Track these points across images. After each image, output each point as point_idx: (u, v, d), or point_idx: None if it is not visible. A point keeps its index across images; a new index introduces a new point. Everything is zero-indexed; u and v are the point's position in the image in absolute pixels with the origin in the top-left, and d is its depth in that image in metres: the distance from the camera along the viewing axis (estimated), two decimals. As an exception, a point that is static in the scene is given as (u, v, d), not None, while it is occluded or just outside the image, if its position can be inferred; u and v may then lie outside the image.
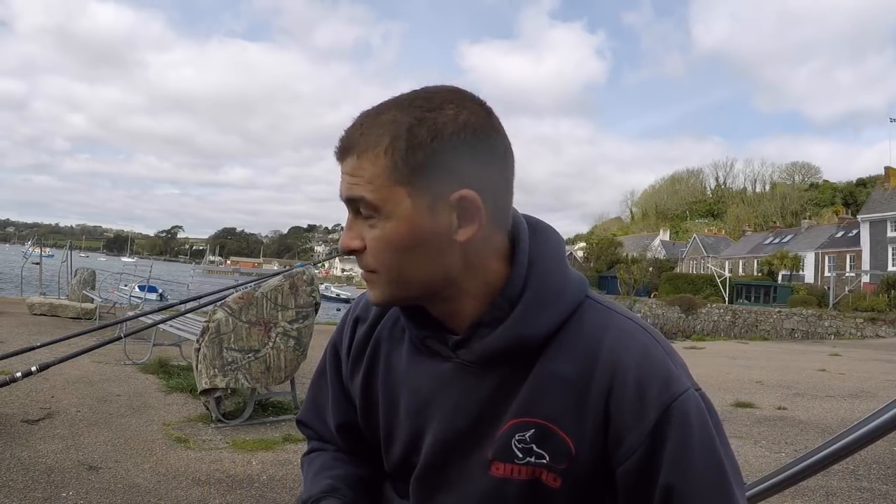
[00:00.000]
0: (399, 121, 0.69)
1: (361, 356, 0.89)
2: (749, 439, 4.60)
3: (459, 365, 0.77)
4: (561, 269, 0.78)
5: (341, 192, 0.73)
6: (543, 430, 0.73)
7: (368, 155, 0.70)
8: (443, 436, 0.78)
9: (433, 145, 0.69)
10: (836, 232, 40.29)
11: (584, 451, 0.72)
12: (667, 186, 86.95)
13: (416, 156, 0.69)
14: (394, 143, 0.69)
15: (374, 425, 0.88)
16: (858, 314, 23.51)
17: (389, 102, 0.72)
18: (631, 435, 0.70)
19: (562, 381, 0.73)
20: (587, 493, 0.74)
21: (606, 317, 0.76)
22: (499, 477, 0.75)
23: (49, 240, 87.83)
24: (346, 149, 0.72)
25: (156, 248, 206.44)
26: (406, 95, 0.72)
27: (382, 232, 0.71)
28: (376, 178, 0.70)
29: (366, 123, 0.71)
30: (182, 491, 2.93)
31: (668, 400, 0.69)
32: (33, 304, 9.86)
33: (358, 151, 0.71)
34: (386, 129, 0.69)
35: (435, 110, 0.69)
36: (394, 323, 0.87)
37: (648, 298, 34.59)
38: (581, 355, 0.73)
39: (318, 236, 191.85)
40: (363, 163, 0.70)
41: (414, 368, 0.82)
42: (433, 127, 0.69)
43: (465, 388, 0.77)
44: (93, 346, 2.85)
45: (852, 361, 10.96)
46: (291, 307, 4.29)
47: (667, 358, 0.73)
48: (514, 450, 0.74)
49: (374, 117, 0.71)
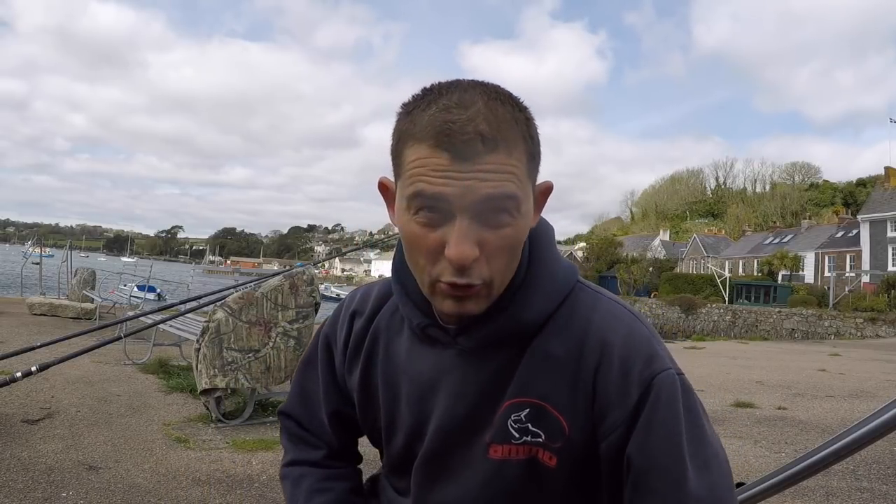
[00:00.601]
0: (515, 115, 0.69)
1: (360, 349, 0.89)
2: (749, 439, 4.60)
3: (459, 351, 0.79)
4: (555, 255, 0.81)
5: (471, 191, 0.65)
6: (538, 409, 0.75)
7: (517, 150, 0.68)
8: (445, 422, 0.79)
9: (539, 137, 0.72)
10: (836, 232, 40.28)
11: (576, 430, 0.74)
12: (667, 186, 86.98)
13: (538, 149, 0.71)
14: (525, 136, 0.69)
15: (373, 418, 0.89)
16: (858, 314, 23.50)
17: (474, 93, 0.68)
18: (615, 411, 0.72)
19: (555, 361, 0.75)
20: (583, 473, 0.76)
21: (596, 300, 0.79)
22: (497, 459, 0.76)
23: (49, 240, 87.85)
24: (495, 141, 0.66)
25: (156, 249, 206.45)
26: (481, 85, 0.70)
27: (514, 231, 0.69)
28: (522, 173, 0.68)
29: (489, 115, 0.66)
30: (182, 491, 2.93)
31: (649, 378, 0.72)
32: (33, 304, 9.86)
33: (508, 145, 0.66)
34: (512, 122, 0.68)
35: (521, 102, 0.72)
36: (392, 314, 0.88)
37: (648, 298, 34.56)
38: (573, 336, 0.75)
39: (318, 236, 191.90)
40: (513, 159, 0.67)
41: (415, 357, 0.82)
42: (533, 119, 0.71)
43: (465, 374, 0.78)
44: (93, 346, 2.85)
45: (852, 361, 10.96)
46: (292, 307, 4.29)
47: (651, 339, 0.75)
48: (511, 430, 0.75)
49: (490, 109, 0.67)
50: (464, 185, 0.65)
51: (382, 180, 0.78)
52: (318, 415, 0.96)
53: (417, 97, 0.71)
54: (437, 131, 0.65)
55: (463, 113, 0.65)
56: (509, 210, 0.67)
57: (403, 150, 0.70)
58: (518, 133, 0.68)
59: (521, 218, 0.69)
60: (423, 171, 0.66)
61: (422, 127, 0.67)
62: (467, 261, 0.67)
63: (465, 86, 0.69)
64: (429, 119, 0.66)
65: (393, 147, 0.72)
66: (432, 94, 0.69)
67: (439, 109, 0.66)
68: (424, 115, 0.67)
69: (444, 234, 0.67)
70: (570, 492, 0.77)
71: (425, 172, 0.66)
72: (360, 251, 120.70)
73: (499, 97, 0.68)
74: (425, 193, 0.66)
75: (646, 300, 34.02)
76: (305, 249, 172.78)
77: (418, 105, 0.69)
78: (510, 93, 0.71)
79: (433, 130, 0.66)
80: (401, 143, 0.70)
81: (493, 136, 0.65)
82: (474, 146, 0.65)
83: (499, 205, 0.66)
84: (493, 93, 0.69)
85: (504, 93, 0.70)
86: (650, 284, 39.29)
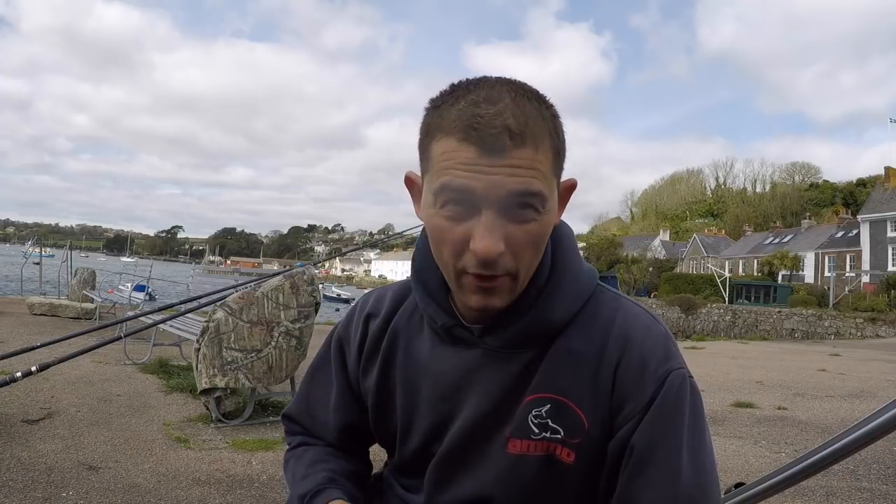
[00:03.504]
0: (542, 111, 0.69)
1: (377, 350, 0.89)
2: (749, 439, 4.59)
3: (486, 351, 0.79)
4: (577, 258, 0.82)
5: (498, 185, 0.65)
6: (559, 405, 0.76)
7: (543, 146, 0.68)
8: (470, 420, 0.80)
9: (564, 135, 0.73)
10: (836, 232, 40.30)
11: (595, 426, 0.75)
12: (667, 186, 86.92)
13: (563, 145, 0.72)
14: (551, 133, 0.70)
15: (388, 419, 0.88)
16: (858, 314, 23.49)
17: (501, 89, 0.68)
18: (631, 403, 0.74)
19: (578, 357, 0.76)
20: (599, 471, 0.76)
21: (617, 301, 0.81)
22: (515, 454, 0.77)
23: (49, 240, 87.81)
24: (523, 136, 0.66)
25: (155, 249, 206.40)
26: (508, 82, 0.70)
27: (539, 227, 0.70)
28: (548, 170, 0.69)
29: (517, 111, 0.66)
30: (182, 491, 2.93)
31: (665, 374, 0.74)
32: (33, 304, 9.85)
33: (535, 141, 0.67)
34: (539, 118, 0.68)
35: (547, 100, 0.72)
36: (410, 315, 0.88)
37: (648, 298, 34.55)
38: (597, 333, 0.77)
39: (318, 236, 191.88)
40: (539, 155, 0.67)
41: (438, 357, 0.83)
42: (559, 116, 0.72)
43: (490, 373, 0.79)
44: (93, 346, 2.85)
45: (852, 361, 10.95)
46: (293, 306, 4.29)
47: (668, 339, 0.78)
48: (531, 425, 0.76)
49: (517, 104, 0.67)
50: (490, 180, 0.66)
51: (409, 174, 0.78)
52: (322, 420, 0.95)
53: (445, 93, 0.71)
54: (466, 125, 0.66)
55: (491, 108, 0.66)
56: (535, 206, 0.68)
57: (431, 143, 0.70)
58: (545, 129, 0.68)
59: (545, 214, 0.70)
60: (450, 165, 0.67)
61: (450, 121, 0.67)
62: (493, 255, 0.67)
63: (493, 82, 0.70)
64: (457, 113, 0.67)
65: (420, 141, 0.73)
66: (460, 90, 0.70)
67: (468, 104, 0.67)
68: (453, 109, 0.68)
69: (470, 227, 0.68)
70: (585, 490, 0.77)
71: (452, 166, 0.66)
72: (360, 251, 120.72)
73: (526, 94, 0.69)
74: (452, 186, 0.67)
75: (646, 300, 34.00)
76: (305, 249, 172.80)
77: (447, 100, 0.70)
78: (537, 90, 0.72)
79: (461, 124, 0.66)
80: (428, 136, 0.71)
81: (521, 131, 0.66)
82: (502, 140, 0.65)
83: (524, 201, 0.67)
84: (520, 89, 0.69)
85: (531, 90, 0.71)
86: (650, 284, 39.31)
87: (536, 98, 0.70)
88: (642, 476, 0.71)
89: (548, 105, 0.71)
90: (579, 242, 25.33)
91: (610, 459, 0.74)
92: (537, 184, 0.67)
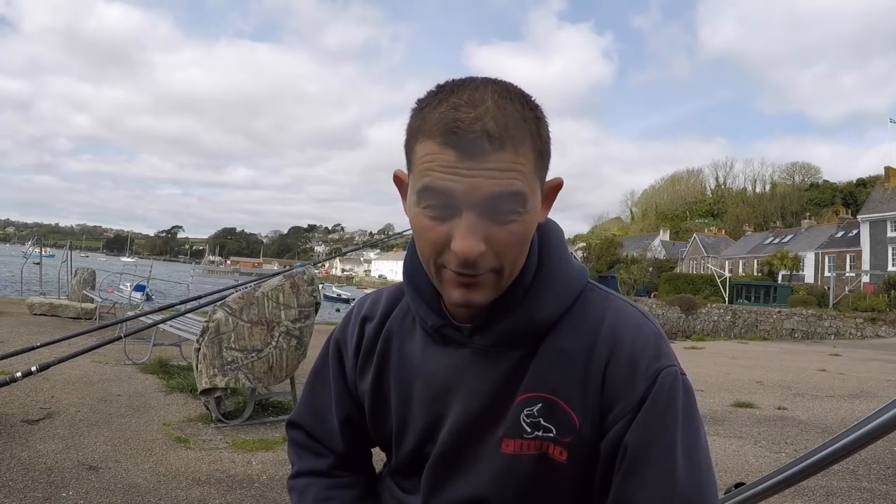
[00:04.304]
0: (525, 113, 0.70)
1: (372, 353, 0.90)
2: (749, 439, 4.60)
3: (475, 350, 0.80)
4: (566, 256, 0.82)
5: (477, 188, 0.66)
6: (550, 404, 0.76)
7: (524, 148, 0.68)
8: (461, 420, 0.80)
9: (549, 135, 0.73)
10: (836, 232, 40.30)
11: (586, 425, 0.75)
12: (667, 186, 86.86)
13: (547, 146, 0.73)
14: (534, 135, 0.70)
15: (383, 421, 0.89)
16: (858, 314, 23.51)
17: (484, 91, 0.69)
18: (621, 402, 0.74)
19: (567, 357, 0.77)
20: (592, 469, 0.76)
21: (607, 299, 0.81)
22: (509, 454, 0.77)
23: (49, 240, 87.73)
24: (502, 140, 0.66)
25: (155, 249, 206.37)
26: (493, 83, 0.71)
27: (521, 227, 0.70)
28: (530, 171, 0.69)
29: (497, 114, 0.67)
30: (182, 491, 2.93)
31: (655, 372, 0.74)
32: (33, 304, 9.85)
33: (515, 144, 0.67)
34: (520, 120, 0.69)
35: (532, 101, 0.72)
36: (403, 317, 0.89)
37: (648, 298, 34.56)
38: (586, 332, 0.77)
39: (318, 236, 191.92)
40: (520, 157, 0.68)
41: (429, 357, 0.83)
42: (544, 118, 0.73)
43: (480, 372, 0.79)
44: (93, 346, 2.85)
45: (852, 361, 10.96)
46: (294, 306, 4.29)
47: (659, 337, 0.78)
48: (523, 424, 0.77)
49: (499, 107, 0.67)
50: (470, 182, 0.66)
51: (397, 173, 0.80)
52: (327, 424, 0.96)
53: (430, 94, 0.72)
54: (445, 129, 0.67)
55: (471, 111, 0.67)
56: (516, 207, 0.68)
57: (415, 145, 0.71)
58: (526, 131, 0.69)
59: (527, 214, 0.70)
60: (431, 167, 0.68)
61: (431, 124, 0.68)
62: (473, 255, 0.68)
63: (477, 84, 0.70)
64: (438, 116, 0.68)
65: (406, 141, 0.74)
66: (444, 92, 0.70)
67: (449, 107, 0.68)
68: (435, 112, 0.69)
69: (452, 228, 0.69)
70: (578, 488, 0.78)
71: (433, 168, 0.68)
72: (360, 251, 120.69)
73: (509, 95, 0.70)
74: (433, 188, 0.68)
75: (646, 300, 34.00)
76: (305, 249, 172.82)
77: (430, 102, 0.71)
78: (522, 90, 0.72)
79: (442, 128, 0.67)
80: (412, 138, 0.72)
81: (500, 134, 0.66)
82: (481, 144, 0.66)
83: (505, 201, 0.68)
84: (503, 91, 0.70)
85: (515, 90, 0.71)
86: (650, 284, 39.31)
87: (520, 100, 0.70)
88: (637, 475, 0.71)
89: (532, 106, 0.71)
90: (579, 242, 25.21)
91: (603, 459, 0.75)
92: (518, 184, 0.67)
